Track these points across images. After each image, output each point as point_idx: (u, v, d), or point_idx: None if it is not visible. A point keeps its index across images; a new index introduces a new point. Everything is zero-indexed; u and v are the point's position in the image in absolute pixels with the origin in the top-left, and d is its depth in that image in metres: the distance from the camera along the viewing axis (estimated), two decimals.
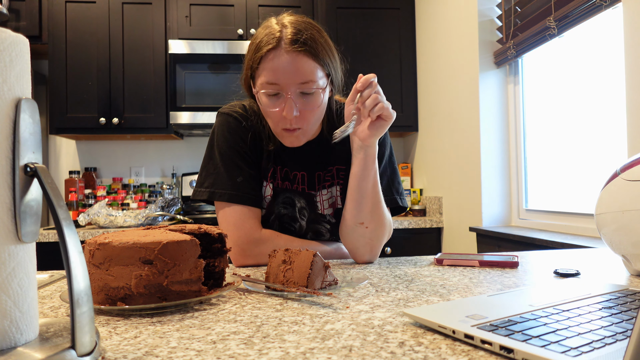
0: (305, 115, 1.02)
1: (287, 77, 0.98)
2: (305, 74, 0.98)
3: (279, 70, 0.98)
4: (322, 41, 1.02)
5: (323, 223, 1.17)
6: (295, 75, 0.98)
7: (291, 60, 0.97)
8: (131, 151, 3.16)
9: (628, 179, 0.80)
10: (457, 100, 2.51)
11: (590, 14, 1.65)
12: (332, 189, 1.16)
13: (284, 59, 0.97)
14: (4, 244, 0.41)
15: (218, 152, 1.10)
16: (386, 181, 1.14)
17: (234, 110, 1.13)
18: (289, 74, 0.97)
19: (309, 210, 1.15)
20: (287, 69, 0.97)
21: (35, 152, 0.44)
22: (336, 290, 0.74)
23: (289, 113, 0.99)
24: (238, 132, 1.10)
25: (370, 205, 1.04)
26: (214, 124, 1.14)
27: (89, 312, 0.43)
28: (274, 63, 0.98)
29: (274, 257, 0.79)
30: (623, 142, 1.50)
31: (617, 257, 1.00)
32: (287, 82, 0.98)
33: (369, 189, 1.02)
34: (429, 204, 2.89)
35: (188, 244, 0.66)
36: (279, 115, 1.01)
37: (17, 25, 2.70)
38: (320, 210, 1.15)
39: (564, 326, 0.49)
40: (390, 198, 1.13)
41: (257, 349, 0.48)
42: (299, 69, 0.98)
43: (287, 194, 1.14)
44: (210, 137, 1.14)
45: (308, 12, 2.89)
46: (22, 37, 0.44)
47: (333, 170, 1.15)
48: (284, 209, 1.14)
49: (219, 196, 1.07)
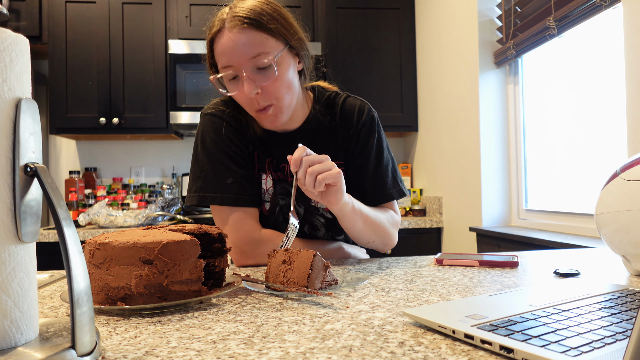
0: (268, 90, 0.98)
1: (235, 55, 0.95)
2: (253, 46, 0.94)
3: (227, 51, 0.96)
4: (270, 11, 0.97)
5: (317, 216, 1.14)
6: (242, 51, 0.94)
7: (235, 37, 0.94)
8: (131, 151, 3.16)
9: (628, 179, 0.80)
10: (457, 100, 2.51)
11: (590, 14, 1.65)
12: None
13: (228, 38, 0.95)
14: (4, 244, 0.41)
15: (205, 154, 1.07)
16: (391, 175, 1.15)
17: (216, 109, 1.10)
18: (237, 52, 0.95)
19: (302, 201, 1.12)
20: (234, 47, 0.95)
21: (36, 152, 0.44)
22: (336, 290, 0.74)
23: (249, 91, 0.96)
24: (223, 130, 1.08)
25: (369, 233, 1.06)
26: (199, 126, 1.12)
27: (89, 312, 0.43)
28: (221, 46, 0.96)
29: (273, 257, 0.79)
30: (623, 142, 1.50)
31: (617, 257, 1.00)
32: (238, 60, 0.95)
33: (362, 227, 1.03)
34: (429, 204, 2.89)
35: (188, 244, 0.66)
36: (246, 98, 0.99)
37: (17, 25, 2.70)
38: (314, 202, 1.13)
39: (563, 326, 0.49)
40: (398, 190, 1.15)
41: (257, 348, 0.48)
42: (245, 44, 0.94)
43: (282, 184, 1.12)
44: (195, 140, 1.12)
45: (308, 12, 2.89)
46: (22, 37, 0.44)
47: None
48: (282, 199, 1.12)
49: (210, 200, 1.04)
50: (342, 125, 1.13)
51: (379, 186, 1.13)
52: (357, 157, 1.13)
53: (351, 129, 1.13)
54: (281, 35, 0.98)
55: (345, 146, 1.13)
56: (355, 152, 1.13)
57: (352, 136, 1.13)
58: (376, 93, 2.94)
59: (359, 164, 1.13)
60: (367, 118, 1.13)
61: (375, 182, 1.13)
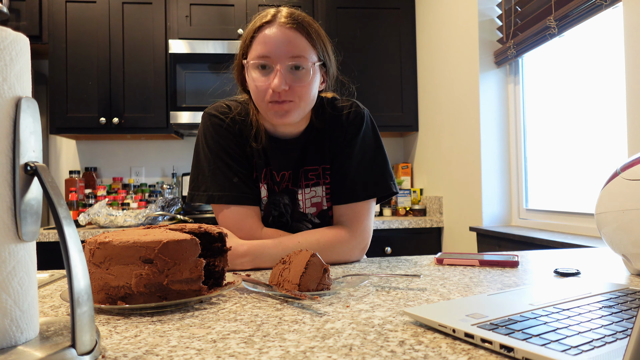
0: (295, 90, 1.00)
1: (279, 49, 0.98)
2: (298, 48, 0.99)
3: (272, 43, 0.99)
4: (316, 27, 1.04)
5: (305, 222, 1.15)
6: (287, 47, 0.99)
7: (284, 33, 0.99)
8: (131, 151, 3.16)
9: (628, 178, 0.80)
10: (457, 100, 2.51)
11: (590, 14, 1.65)
12: (318, 188, 1.14)
13: (278, 31, 0.99)
14: (4, 243, 0.41)
15: (210, 154, 1.09)
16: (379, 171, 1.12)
17: (219, 111, 1.11)
18: (281, 46, 0.98)
19: (291, 207, 1.13)
20: (280, 41, 0.99)
21: (36, 151, 0.44)
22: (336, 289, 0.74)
23: (278, 84, 0.98)
24: (227, 132, 1.09)
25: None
26: (201, 125, 1.13)
27: (89, 311, 0.43)
28: (267, 36, 0.99)
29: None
30: (623, 142, 1.50)
31: (617, 256, 1.00)
32: (279, 54, 0.98)
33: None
34: (429, 204, 2.89)
35: (188, 243, 0.66)
36: (267, 88, 1.00)
37: (18, 25, 2.70)
38: (302, 208, 1.13)
39: (564, 325, 0.49)
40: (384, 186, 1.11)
41: (257, 347, 0.48)
42: (291, 42, 0.99)
43: (275, 196, 1.12)
44: (198, 139, 1.12)
45: (308, 11, 2.87)
46: (23, 36, 0.44)
47: (319, 169, 1.13)
48: (274, 210, 1.13)
49: (217, 199, 1.06)
50: (330, 126, 1.13)
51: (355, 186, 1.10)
52: (338, 155, 1.12)
53: (337, 128, 1.12)
54: (320, 51, 1.04)
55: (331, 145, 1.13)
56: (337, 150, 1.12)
57: (337, 136, 1.12)
58: (376, 93, 2.94)
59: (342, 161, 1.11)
60: (353, 117, 1.12)
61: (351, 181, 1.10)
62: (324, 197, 1.14)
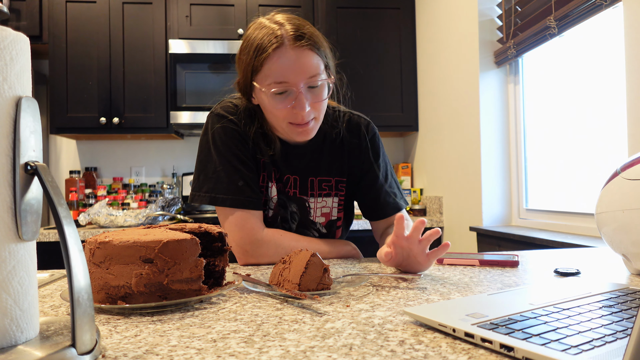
0: (314, 107, 1.02)
1: (296, 74, 0.98)
2: (312, 68, 0.99)
3: (288, 68, 0.98)
4: (317, 34, 1.04)
5: (312, 230, 1.17)
6: (303, 71, 0.98)
7: (298, 56, 0.98)
8: (131, 151, 3.16)
9: (628, 178, 0.80)
10: (457, 100, 2.51)
11: (590, 14, 1.65)
12: (329, 199, 1.16)
13: (291, 56, 0.97)
14: (4, 243, 0.41)
15: (217, 155, 1.07)
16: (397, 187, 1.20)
17: (227, 111, 1.10)
18: (298, 71, 0.98)
19: (300, 214, 1.15)
20: (295, 66, 0.98)
21: (36, 151, 0.44)
22: (336, 288, 0.74)
23: (302, 109, 0.99)
24: (235, 134, 1.08)
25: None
26: (207, 125, 1.11)
27: (90, 310, 0.43)
28: (281, 62, 0.98)
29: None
30: (623, 142, 1.50)
31: (617, 256, 1.00)
32: (297, 79, 0.98)
33: None
34: (429, 204, 2.89)
35: (188, 243, 0.66)
36: (288, 112, 1.01)
37: (18, 25, 2.70)
38: (312, 217, 1.16)
39: (564, 324, 0.49)
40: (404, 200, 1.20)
41: (257, 347, 0.48)
42: (306, 64, 0.98)
43: (283, 196, 1.14)
44: (204, 139, 1.11)
45: (308, 12, 2.89)
46: (23, 36, 0.44)
47: (332, 181, 1.16)
48: (282, 209, 1.14)
49: (221, 201, 1.05)
50: (347, 141, 1.16)
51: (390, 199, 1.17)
52: (366, 173, 1.17)
53: (357, 145, 1.17)
54: (326, 59, 1.04)
55: (351, 161, 1.17)
56: (364, 168, 1.17)
57: (358, 154, 1.17)
58: (376, 93, 2.94)
59: (368, 181, 1.17)
60: (371, 135, 1.19)
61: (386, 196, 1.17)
62: (335, 207, 1.17)
